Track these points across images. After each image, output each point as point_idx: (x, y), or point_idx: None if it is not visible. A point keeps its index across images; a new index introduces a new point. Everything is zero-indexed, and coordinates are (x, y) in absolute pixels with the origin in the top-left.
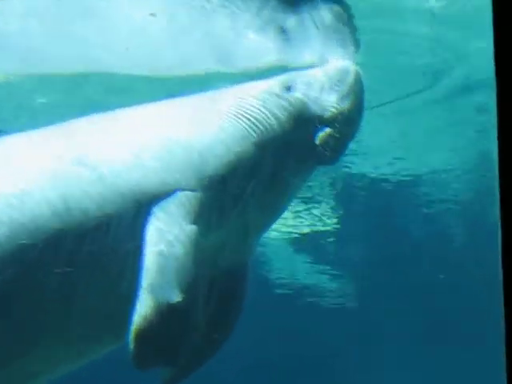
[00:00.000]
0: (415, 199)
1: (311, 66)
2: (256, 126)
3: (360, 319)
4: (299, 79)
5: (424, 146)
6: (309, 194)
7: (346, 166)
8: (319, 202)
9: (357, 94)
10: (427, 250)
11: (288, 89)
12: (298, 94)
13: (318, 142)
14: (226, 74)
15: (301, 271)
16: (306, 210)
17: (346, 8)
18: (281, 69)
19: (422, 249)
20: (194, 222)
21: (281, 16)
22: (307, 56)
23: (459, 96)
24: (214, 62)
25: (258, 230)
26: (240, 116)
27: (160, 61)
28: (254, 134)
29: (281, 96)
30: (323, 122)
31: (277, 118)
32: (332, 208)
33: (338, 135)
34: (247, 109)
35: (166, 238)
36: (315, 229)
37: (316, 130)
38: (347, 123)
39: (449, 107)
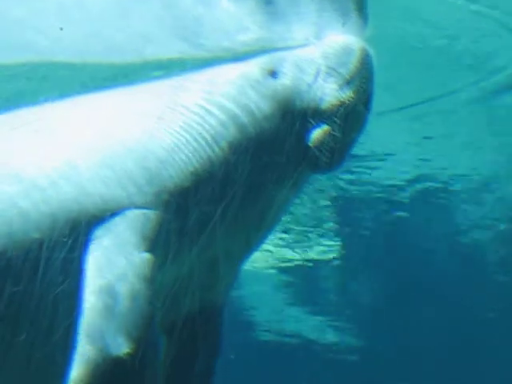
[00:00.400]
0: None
1: (303, 45)
2: (230, 123)
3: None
4: (287, 61)
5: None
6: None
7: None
8: (316, 226)
9: (363, 79)
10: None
11: (272, 74)
12: (285, 81)
13: (312, 142)
14: (194, 59)
15: (291, 314)
16: (299, 233)
17: None
18: (264, 49)
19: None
20: (149, 250)
21: None
22: (298, 32)
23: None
24: (177, 42)
25: (236, 259)
26: (209, 110)
27: (106, 44)
28: (228, 134)
29: (263, 83)
30: (319, 116)
31: (258, 112)
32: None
33: (338, 134)
34: (219, 101)
35: (111, 270)
36: (309, 258)
37: (310, 128)
38: (350, 118)
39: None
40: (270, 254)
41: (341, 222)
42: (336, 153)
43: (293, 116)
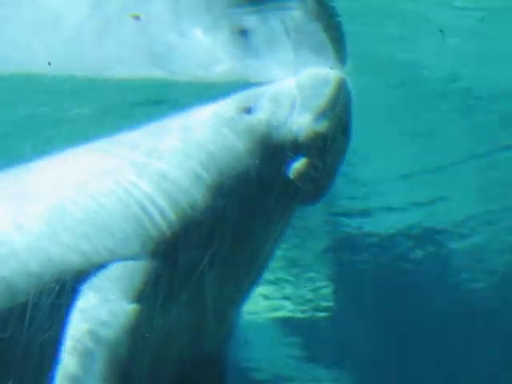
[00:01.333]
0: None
1: (279, 78)
2: (209, 164)
3: None
4: (262, 96)
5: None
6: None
7: (346, 224)
8: (309, 273)
9: (340, 108)
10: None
11: (247, 110)
12: (260, 116)
13: (292, 175)
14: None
15: (286, 360)
16: (291, 282)
17: (326, 4)
18: (238, 82)
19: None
20: (136, 300)
21: (238, 13)
22: (274, 66)
23: None
24: (148, 65)
25: (231, 302)
26: (187, 154)
27: (81, 61)
28: (209, 177)
29: (238, 120)
30: (297, 148)
31: (235, 151)
32: (327, 280)
33: (317, 164)
34: (195, 143)
35: (94, 318)
36: (304, 308)
37: (289, 160)
38: (329, 147)
39: None
40: (265, 305)
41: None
42: (318, 183)
43: (271, 150)
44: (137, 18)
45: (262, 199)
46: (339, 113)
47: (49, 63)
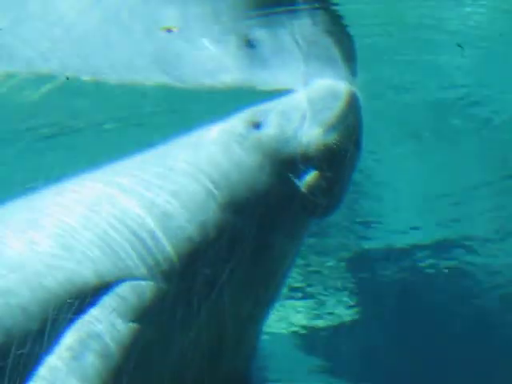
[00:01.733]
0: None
1: (288, 90)
2: (221, 182)
3: None
4: (271, 110)
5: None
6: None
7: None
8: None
9: (351, 120)
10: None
11: (256, 125)
12: (269, 130)
13: (304, 188)
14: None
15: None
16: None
17: (336, 15)
18: (246, 92)
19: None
20: (139, 319)
21: (246, 24)
22: (282, 77)
23: None
24: (157, 72)
25: (250, 320)
26: (196, 173)
27: (92, 66)
28: (218, 194)
29: (247, 136)
30: (308, 161)
31: (246, 167)
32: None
33: (328, 177)
34: (204, 161)
35: (88, 329)
36: (324, 324)
37: (301, 173)
38: (339, 160)
39: None
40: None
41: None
42: (331, 195)
43: (281, 164)
44: (169, 30)
45: (275, 214)
46: (350, 125)
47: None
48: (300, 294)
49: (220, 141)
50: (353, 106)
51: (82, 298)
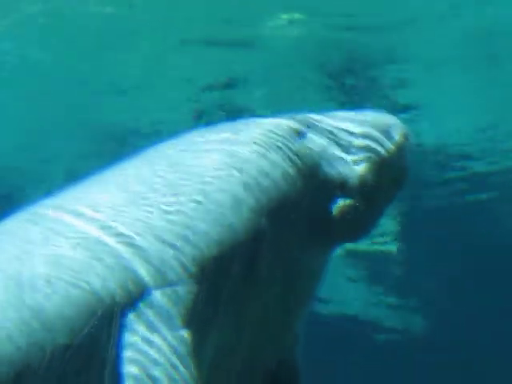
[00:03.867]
0: None
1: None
2: (253, 185)
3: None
4: (320, 125)
5: None
6: None
7: None
8: None
9: (399, 164)
10: None
11: (300, 134)
12: (313, 146)
13: (334, 211)
14: None
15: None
16: None
17: None
18: None
19: None
20: (185, 326)
21: None
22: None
23: None
24: None
25: (287, 316)
26: (230, 174)
27: None
28: (251, 198)
29: (287, 144)
30: (344, 190)
31: (282, 173)
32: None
33: (361, 210)
34: (241, 161)
35: (145, 355)
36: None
37: (333, 198)
38: (377, 199)
39: None
40: None
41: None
42: (360, 224)
43: (315, 183)
44: None
45: (301, 226)
46: (397, 168)
47: None
48: None
49: (260, 140)
50: (405, 149)
51: (117, 308)
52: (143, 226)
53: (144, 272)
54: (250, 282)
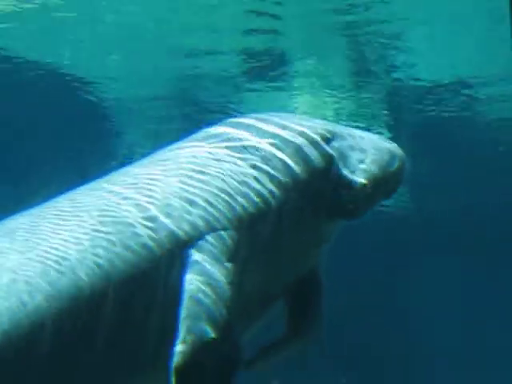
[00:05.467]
0: None
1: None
2: (284, 169)
3: None
4: (341, 135)
5: None
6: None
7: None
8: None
9: (395, 183)
10: None
11: (327, 140)
12: (335, 153)
13: (337, 202)
14: None
15: None
16: None
17: None
18: None
19: None
20: (231, 260)
21: None
22: None
23: None
24: None
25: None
26: (273, 158)
27: None
28: (282, 178)
29: (316, 146)
30: (349, 189)
31: (306, 166)
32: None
33: (358, 205)
34: (281, 150)
35: (202, 278)
36: None
37: (340, 191)
38: (370, 201)
39: None
40: None
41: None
42: (355, 213)
43: (331, 177)
44: None
45: (313, 202)
46: (393, 186)
47: None
48: None
49: (297, 140)
50: (401, 172)
51: (184, 245)
52: (206, 186)
53: (200, 222)
54: (277, 233)
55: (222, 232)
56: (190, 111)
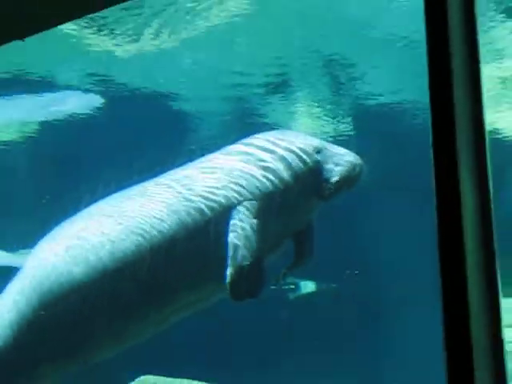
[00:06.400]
0: None
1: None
2: (286, 168)
3: None
4: (326, 150)
5: None
6: None
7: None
8: None
9: (355, 179)
10: None
11: (317, 151)
12: (320, 159)
13: (321, 191)
14: None
15: None
16: None
17: None
18: None
19: None
20: (256, 217)
21: None
22: None
23: None
24: None
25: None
26: (278, 161)
27: None
28: (284, 173)
29: (308, 156)
30: (328, 182)
31: (300, 169)
32: None
33: (332, 192)
34: (284, 157)
35: (240, 226)
36: None
37: (321, 183)
38: (339, 190)
39: None
40: None
41: None
42: (330, 196)
43: (317, 174)
44: None
45: (305, 188)
46: (353, 181)
47: None
48: None
49: (294, 152)
50: (360, 174)
51: (225, 210)
52: (241, 172)
53: (237, 195)
54: (283, 205)
55: (249, 201)
56: None
